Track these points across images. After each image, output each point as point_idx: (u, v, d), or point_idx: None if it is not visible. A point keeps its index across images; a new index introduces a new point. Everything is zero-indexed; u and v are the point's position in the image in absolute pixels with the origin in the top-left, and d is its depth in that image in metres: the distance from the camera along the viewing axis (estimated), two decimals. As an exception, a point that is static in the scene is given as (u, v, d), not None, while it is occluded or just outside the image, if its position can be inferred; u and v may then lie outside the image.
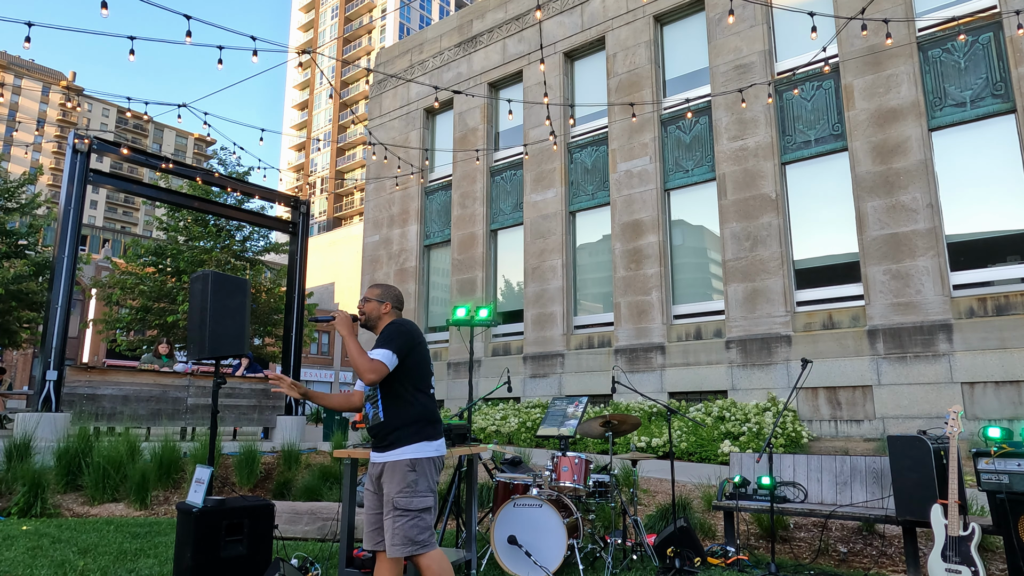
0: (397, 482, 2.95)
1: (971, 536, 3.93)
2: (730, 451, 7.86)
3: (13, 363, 32.90)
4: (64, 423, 8.49)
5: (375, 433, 3.09)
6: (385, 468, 3.01)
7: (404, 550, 2.86)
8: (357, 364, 2.97)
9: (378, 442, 3.08)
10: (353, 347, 3.01)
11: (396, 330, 3.10)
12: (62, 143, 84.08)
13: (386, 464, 3.01)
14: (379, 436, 3.07)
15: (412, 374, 3.08)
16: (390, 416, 3.05)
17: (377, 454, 3.09)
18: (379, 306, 3.29)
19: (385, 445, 3.04)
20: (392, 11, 77.79)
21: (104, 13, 6.40)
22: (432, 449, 3.05)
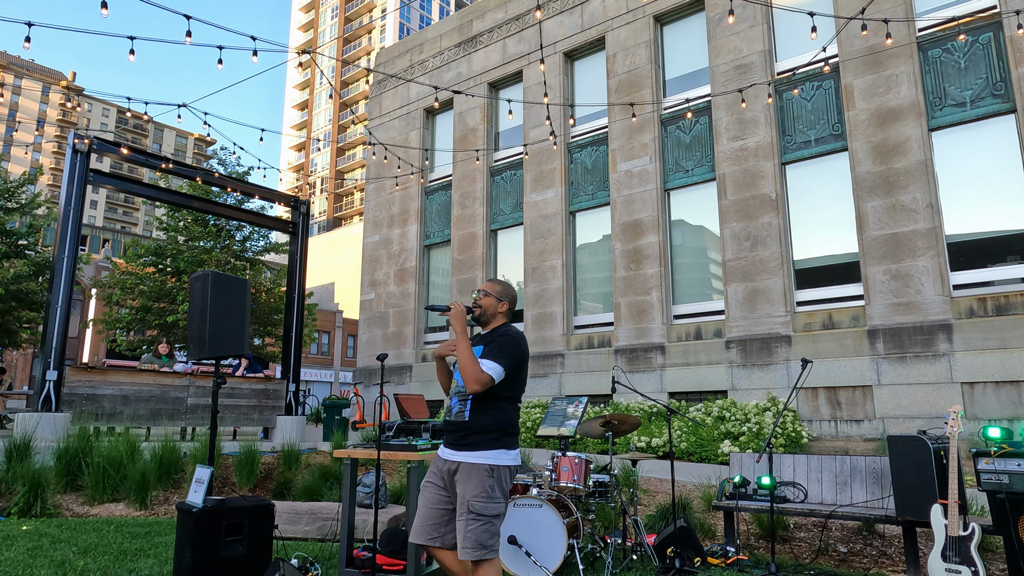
0: (474, 485, 2.90)
1: (971, 536, 3.93)
2: (730, 451, 7.86)
3: (13, 363, 32.90)
4: (64, 423, 8.50)
5: (453, 428, 3.04)
6: (461, 468, 2.95)
7: (474, 554, 2.82)
8: (466, 369, 2.93)
9: (453, 439, 3.03)
10: (465, 348, 2.98)
11: (515, 345, 3.05)
12: (62, 143, 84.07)
13: (462, 464, 2.95)
14: (457, 434, 3.01)
15: (508, 385, 3.03)
16: (476, 418, 2.99)
17: (451, 451, 3.02)
18: (496, 304, 3.22)
19: (463, 444, 2.98)
20: (392, 11, 77.78)
21: (104, 13, 6.40)
22: (509, 458, 3.01)
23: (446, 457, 3.04)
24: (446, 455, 3.04)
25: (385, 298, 16.39)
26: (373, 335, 16.42)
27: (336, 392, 43.74)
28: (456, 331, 3.03)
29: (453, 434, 3.03)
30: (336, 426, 13.07)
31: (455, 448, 3.00)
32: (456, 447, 3.00)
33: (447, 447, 3.06)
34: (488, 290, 3.23)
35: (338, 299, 50.35)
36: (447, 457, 3.03)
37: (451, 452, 3.02)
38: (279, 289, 22.20)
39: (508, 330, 3.14)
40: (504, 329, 3.15)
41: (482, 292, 3.23)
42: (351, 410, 16.20)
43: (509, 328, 3.17)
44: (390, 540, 4.22)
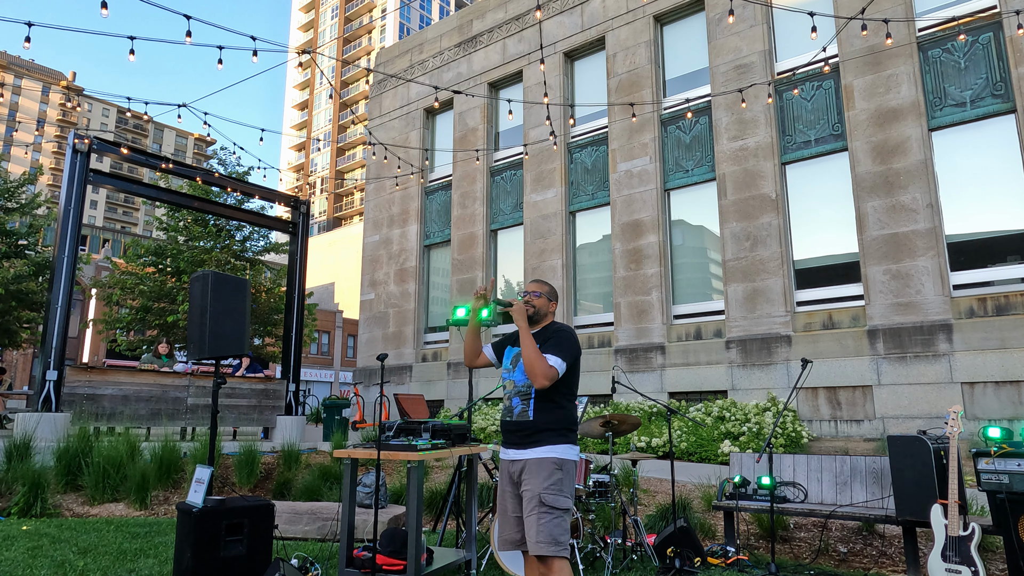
0: (544, 478, 2.88)
1: (971, 536, 3.93)
2: (730, 451, 7.86)
3: (13, 363, 32.89)
4: (64, 423, 8.50)
5: (516, 429, 3.02)
6: (528, 465, 2.93)
7: (549, 548, 2.78)
8: (534, 365, 2.92)
9: (518, 439, 3.00)
10: (531, 344, 2.98)
11: (571, 340, 3.08)
12: (62, 143, 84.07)
13: (529, 461, 2.94)
14: (522, 433, 2.99)
15: (568, 381, 3.06)
16: (540, 416, 2.99)
17: (516, 451, 3.01)
18: (548, 304, 3.27)
19: (530, 442, 2.96)
20: (392, 11, 77.77)
21: (104, 13, 6.40)
22: (574, 453, 3.02)
23: (512, 458, 3.02)
24: (511, 456, 3.03)
25: (385, 298, 16.39)
26: (373, 335, 16.42)
27: (336, 392, 43.74)
28: (521, 328, 3.04)
29: (517, 434, 3.01)
30: (336, 426, 13.06)
31: (520, 447, 2.99)
32: (521, 446, 2.98)
33: (510, 448, 3.04)
34: (540, 291, 3.26)
35: (338, 299, 50.36)
36: (513, 458, 3.02)
37: (516, 452, 3.00)
38: (279, 289, 22.20)
39: (562, 326, 3.18)
40: (558, 325, 3.19)
41: (534, 293, 3.25)
42: (351, 410, 16.20)
43: (561, 324, 3.19)
44: (390, 540, 4.21)
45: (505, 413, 3.10)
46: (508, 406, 3.09)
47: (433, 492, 6.74)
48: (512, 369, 3.15)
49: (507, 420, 3.08)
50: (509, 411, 3.08)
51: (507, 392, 3.13)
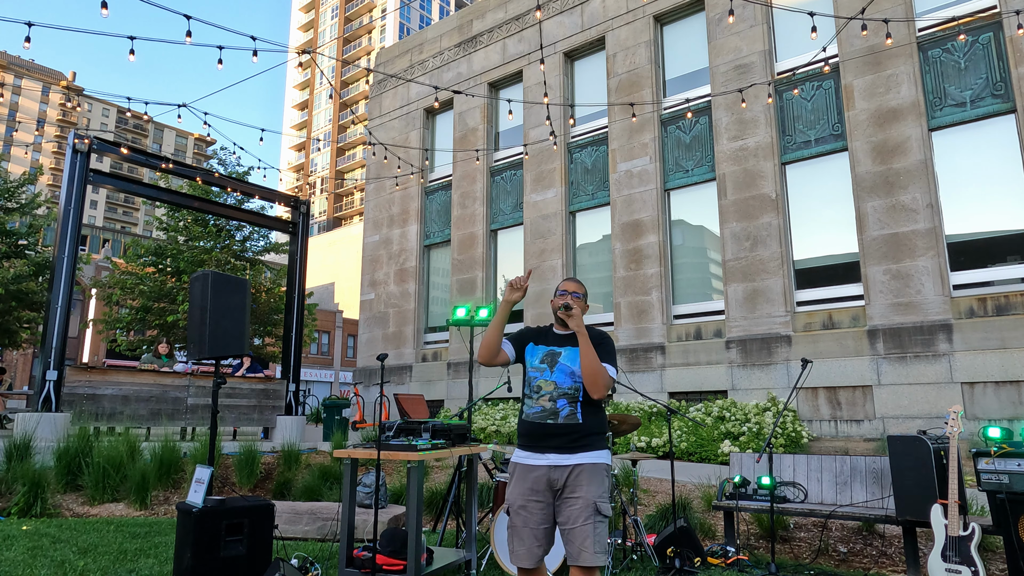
0: (597, 485, 2.78)
1: (971, 536, 3.93)
2: (730, 451, 7.86)
3: (13, 363, 32.90)
4: (64, 423, 8.50)
5: (564, 432, 2.84)
6: (582, 470, 2.78)
7: (601, 558, 2.67)
8: (598, 376, 2.81)
9: (564, 443, 2.83)
10: (593, 352, 2.85)
11: (613, 345, 3.00)
12: (62, 143, 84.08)
13: (584, 466, 2.79)
14: (570, 437, 2.83)
15: None
16: (588, 419, 2.88)
17: (560, 455, 2.82)
18: (584, 306, 3.11)
19: (580, 446, 2.82)
20: (392, 11, 77.78)
21: (104, 13, 6.40)
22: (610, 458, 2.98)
23: (554, 463, 2.82)
24: (553, 461, 2.82)
25: (385, 298, 16.39)
26: (373, 335, 16.42)
27: (336, 392, 43.74)
28: (581, 333, 2.86)
29: (563, 437, 2.84)
30: (336, 426, 13.06)
31: (568, 451, 2.82)
32: (570, 450, 2.82)
33: (550, 452, 2.84)
34: (579, 292, 3.10)
35: (338, 299, 50.36)
36: (556, 463, 2.82)
37: (561, 456, 2.82)
38: (279, 289, 22.21)
39: (601, 331, 3.04)
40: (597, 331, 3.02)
41: (574, 294, 3.07)
42: (351, 410, 16.20)
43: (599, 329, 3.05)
44: (390, 540, 4.21)
45: (544, 415, 2.88)
46: (550, 408, 2.88)
47: (433, 492, 6.74)
48: (549, 369, 2.96)
49: (550, 423, 2.86)
50: (553, 413, 2.87)
51: (544, 393, 2.92)
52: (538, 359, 3.00)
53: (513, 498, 2.85)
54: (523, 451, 2.92)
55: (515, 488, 2.87)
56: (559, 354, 2.97)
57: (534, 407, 2.92)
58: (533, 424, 2.89)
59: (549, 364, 2.96)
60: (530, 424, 2.91)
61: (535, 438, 2.88)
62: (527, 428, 2.92)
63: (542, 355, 3.00)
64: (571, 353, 2.93)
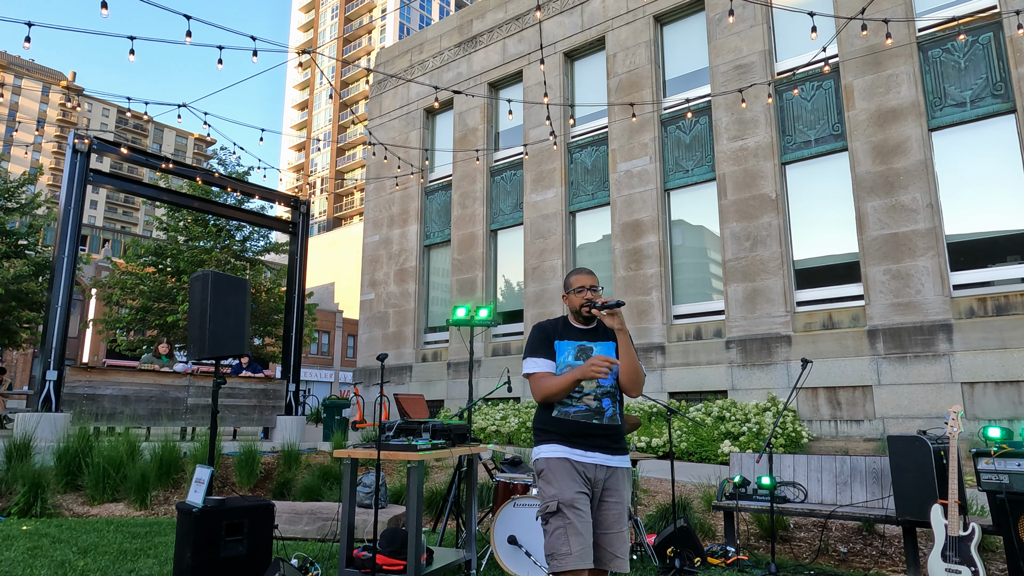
0: (629, 488, 2.79)
1: (971, 536, 3.93)
2: (730, 451, 7.86)
3: (13, 363, 32.90)
4: (64, 423, 8.50)
5: (609, 432, 2.77)
6: (619, 474, 2.74)
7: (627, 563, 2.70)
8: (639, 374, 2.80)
9: (608, 443, 2.75)
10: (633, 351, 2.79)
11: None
12: (62, 143, 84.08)
13: (622, 470, 2.76)
14: (614, 438, 2.77)
15: None
16: (623, 420, 2.87)
17: (605, 456, 2.74)
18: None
19: (618, 449, 2.78)
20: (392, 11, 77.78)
21: (104, 13, 6.40)
22: None
23: (599, 462, 2.73)
24: (599, 460, 2.73)
25: (385, 298, 16.39)
26: (373, 335, 16.42)
27: (336, 392, 43.75)
28: (622, 332, 2.76)
29: (609, 438, 2.76)
30: (336, 426, 13.07)
31: (612, 452, 2.75)
32: (612, 451, 2.75)
33: (596, 451, 2.73)
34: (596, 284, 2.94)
35: (338, 299, 50.36)
36: (602, 462, 2.73)
37: (606, 457, 2.74)
38: (279, 289, 22.21)
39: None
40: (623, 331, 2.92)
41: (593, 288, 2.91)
42: (351, 410, 16.20)
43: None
44: (390, 540, 4.21)
45: (589, 414, 2.76)
46: (595, 407, 2.77)
47: (433, 492, 6.74)
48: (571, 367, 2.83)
49: (596, 423, 2.75)
50: (598, 413, 2.77)
51: (588, 392, 2.78)
52: (571, 356, 2.83)
53: (566, 494, 2.64)
54: (566, 447, 2.74)
55: (565, 483, 2.66)
56: (591, 350, 2.84)
57: (576, 405, 2.78)
58: (578, 424, 2.75)
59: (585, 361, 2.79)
60: (574, 424, 2.76)
61: (577, 436, 2.75)
62: (570, 427, 2.76)
63: (574, 351, 2.84)
64: (603, 348, 2.84)
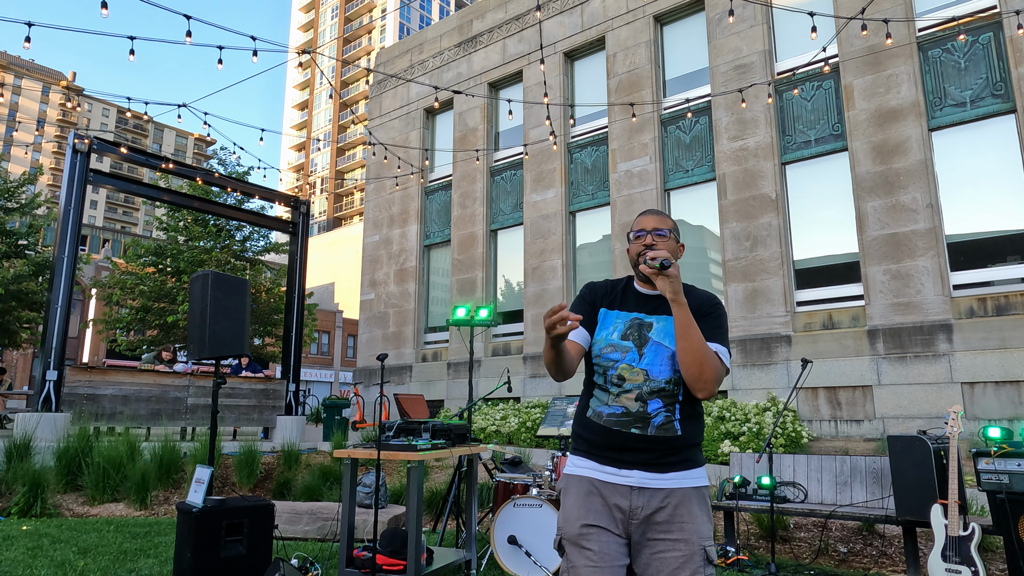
0: (705, 521, 1.91)
1: (971, 536, 3.93)
2: (730, 451, 7.86)
3: (13, 363, 32.90)
4: (64, 423, 8.50)
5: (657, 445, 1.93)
6: (684, 499, 1.90)
7: None
8: (704, 364, 1.86)
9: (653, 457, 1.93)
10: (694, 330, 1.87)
11: (726, 315, 2.03)
12: (62, 143, 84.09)
13: (686, 492, 1.91)
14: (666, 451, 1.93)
15: None
16: (688, 429, 1.97)
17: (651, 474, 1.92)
18: (677, 248, 2.11)
19: (677, 464, 1.94)
20: (392, 11, 77.79)
21: (104, 13, 6.40)
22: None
23: (644, 483, 1.91)
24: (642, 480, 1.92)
25: (385, 298, 16.39)
26: (373, 335, 16.42)
27: (336, 392, 43.74)
28: (678, 303, 1.88)
29: (654, 452, 1.93)
30: (336, 426, 13.06)
31: (660, 468, 1.92)
32: (662, 467, 1.92)
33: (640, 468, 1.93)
34: (665, 228, 2.06)
35: (338, 299, 50.36)
36: (647, 483, 1.91)
37: (653, 476, 1.91)
38: (279, 289, 22.21)
39: (709, 296, 2.06)
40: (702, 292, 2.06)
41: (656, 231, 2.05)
42: (351, 410, 16.20)
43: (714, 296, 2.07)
44: (390, 540, 4.21)
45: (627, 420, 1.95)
46: (638, 412, 1.95)
47: (433, 492, 6.74)
48: (636, 350, 1.98)
49: (636, 433, 1.93)
50: (641, 420, 1.94)
51: (629, 388, 1.97)
52: (618, 333, 2.02)
53: (573, 527, 1.92)
54: (590, 460, 1.99)
55: (576, 511, 1.93)
56: (649, 326, 2.00)
57: (612, 406, 1.98)
58: (609, 432, 1.96)
59: (637, 342, 1.99)
60: (605, 431, 1.97)
61: (609, 448, 1.96)
62: (599, 434, 1.98)
63: (624, 327, 2.02)
64: (670, 325, 1.97)
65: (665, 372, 1.95)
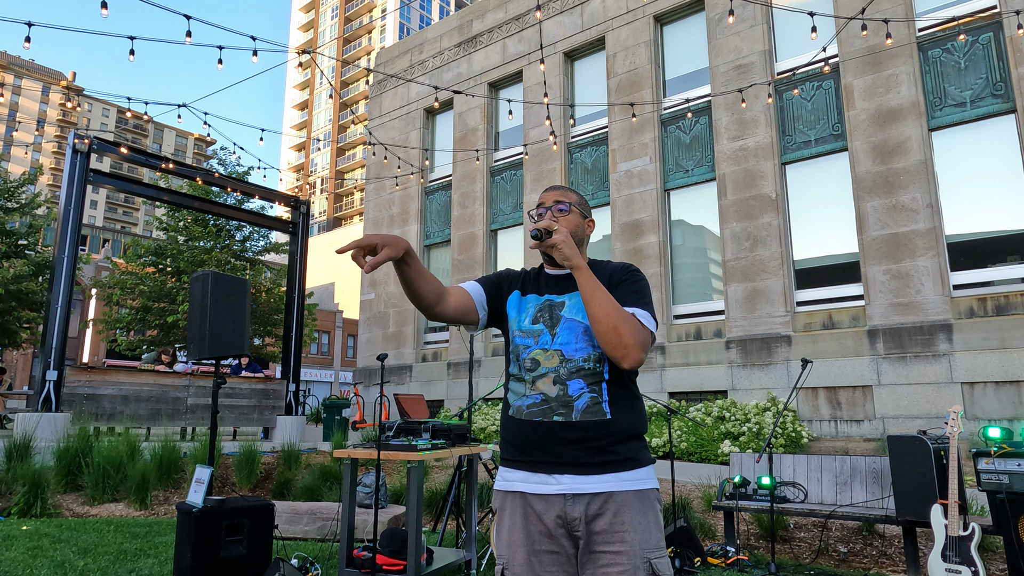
0: (653, 529, 1.68)
1: (971, 536, 3.93)
2: (730, 451, 7.86)
3: (13, 363, 32.90)
4: (64, 423, 8.50)
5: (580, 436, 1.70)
6: (623, 503, 1.66)
7: None
8: (620, 327, 1.64)
9: (584, 453, 1.69)
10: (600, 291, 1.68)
11: (646, 282, 1.85)
12: (62, 143, 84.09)
13: (624, 496, 1.67)
14: (594, 444, 1.69)
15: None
16: (621, 413, 1.73)
17: (583, 476, 1.68)
18: (583, 223, 1.95)
19: (613, 462, 1.69)
20: (392, 11, 77.79)
21: (104, 13, 6.40)
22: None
23: (578, 490, 1.68)
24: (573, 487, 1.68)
25: (385, 298, 16.39)
26: (373, 335, 16.42)
27: (336, 392, 43.75)
28: (574, 264, 1.69)
29: (582, 445, 1.69)
30: (336, 426, 13.06)
31: (593, 469, 1.69)
32: (595, 467, 1.69)
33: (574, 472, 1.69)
34: (565, 201, 1.92)
35: (338, 299, 50.37)
36: (579, 489, 1.68)
37: (585, 478, 1.68)
38: (279, 289, 22.21)
39: (623, 264, 1.89)
40: (615, 264, 1.89)
41: (556, 205, 1.91)
42: (351, 410, 16.20)
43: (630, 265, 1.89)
44: (390, 540, 4.21)
45: (546, 408, 1.73)
46: (557, 395, 1.73)
47: (433, 492, 6.74)
48: (548, 331, 1.80)
49: (558, 420, 1.71)
50: (563, 404, 1.72)
51: (544, 371, 1.76)
52: (528, 318, 1.84)
53: (514, 554, 1.70)
54: (515, 470, 1.76)
55: (513, 535, 1.72)
56: (561, 304, 1.83)
57: (530, 395, 1.76)
58: (531, 425, 1.73)
59: (548, 323, 1.81)
60: (526, 425, 1.74)
61: (534, 447, 1.72)
62: (517, 432, 1.76)
63: (535, 310, 1.85)
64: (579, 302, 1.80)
65: (583, 349, 1.74)
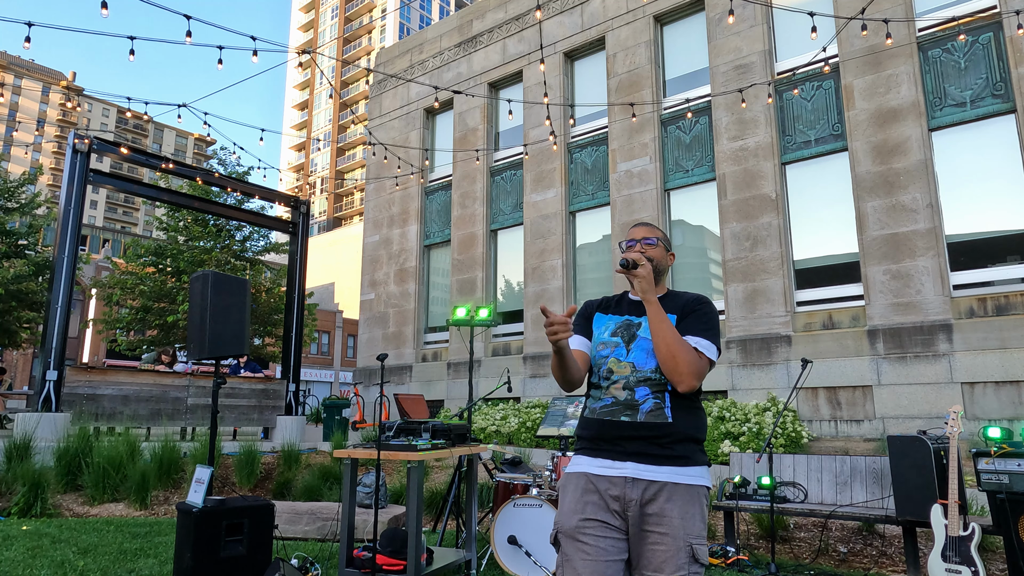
0: (697, 518, 1.93)
1: (971, 536, 3.93)
2: (730, 451, 7.86)
3: (13, 363, 32.90)
4: (64, 423, 8.50)
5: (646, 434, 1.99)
6: (671, 493, 1.93)
7: None
8: (677, 357, 1.95)
9: (643, 446, 1.98)
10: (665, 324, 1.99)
11: (715, 313, 2.13)
12: (62, 143, 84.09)
13: (676, 487, 1.94)
14: (657, 441, 1.98)
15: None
16: (682, 419, 2.02)
17: (644, 465, 1.97)
18: (666, 256, 2.26)
19: (670, 457, 1.97)
20: (392, 11, 77.79)
21: (104, 13, 6.40)
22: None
23: (637, 474, 1.96)
24: (633, 472, 1.97)
25: (385, 298, 16.39)
26: (373, 335, 16.42)
27: (336, 392, 43.75)
28: (649, 301, 2.02)
29: (644, 441, 1.99)
30: (336, 426, 13.07)
31: (653, 461, 1.97)
32: (655, 460, 1.97)
33: (635, 461, 1.98)
34: (653, 237, 2.23)
35: (338, 299, 50.37)
36: (640, 475, 1.96)
37: (646, 468, 1.96)
38: (279, 289, 22.20)
39: (697, 296, 2.18)
40: (690, 295, 2.19)
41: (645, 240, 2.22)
42: (351, 410, 16.20)
43: (704, 298, 2.18)
44: (390, 540, 4.21)
45: (616, 409, 2.05)
46: (626, 400, 2.04)
47: (433, 492, 6.74)
48: (624, 346, 2.11)
49: (626, 420, 2.02)
50: (630, 407, 2.03)
51: (617, 379, 2.08)
52: (608, 332, 2.17)
53: (568, 519, 1.97)
54: (586, 457, 2.07)
55: (571, 505, 1.99)
56: (638, 325, 2.13)
57: (603, 399, 2.09)
58: (601, 422, 2.05)
59: (625, 339, 2.12)
60: (597, 423, 2.07)
61: (604, 441, 2.04)
62: (593, 428, 2.08)
63: (615, 326, 2.17)
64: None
65: (651, 363, 2.05)
